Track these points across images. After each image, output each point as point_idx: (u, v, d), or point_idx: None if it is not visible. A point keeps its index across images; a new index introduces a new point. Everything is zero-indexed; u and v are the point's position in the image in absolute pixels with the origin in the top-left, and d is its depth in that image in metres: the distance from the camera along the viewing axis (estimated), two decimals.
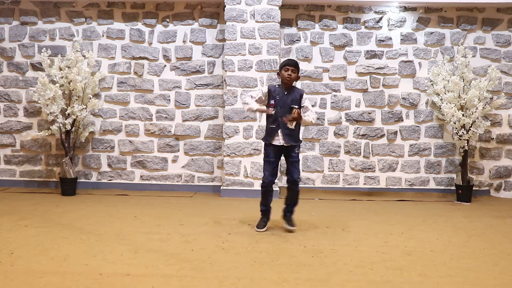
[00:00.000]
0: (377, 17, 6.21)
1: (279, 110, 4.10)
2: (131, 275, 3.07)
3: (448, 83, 5.85)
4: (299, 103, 4.14)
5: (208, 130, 6.26)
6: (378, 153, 6.25)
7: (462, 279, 3.09)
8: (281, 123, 4.09)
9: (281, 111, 4.09)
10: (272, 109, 4.12)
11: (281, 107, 4.10)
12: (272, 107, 4.13)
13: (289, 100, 4.11)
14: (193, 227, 4.36)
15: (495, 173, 6.26)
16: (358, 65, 6.22)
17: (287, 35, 6.22)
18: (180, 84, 6.26)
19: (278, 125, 4.11)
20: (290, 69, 4.10)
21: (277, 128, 4.12)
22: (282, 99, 4.12)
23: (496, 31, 6.21)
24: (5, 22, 6.27)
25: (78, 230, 4.16)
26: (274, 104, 4.12)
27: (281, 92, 4.14)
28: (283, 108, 4.09)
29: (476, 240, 4.08)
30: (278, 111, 4.11)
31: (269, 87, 4.19)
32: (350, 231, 4.29)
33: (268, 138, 4.18)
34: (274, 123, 4.13)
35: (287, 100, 4.11)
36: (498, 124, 6.24)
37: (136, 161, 6.30)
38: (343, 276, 3.12)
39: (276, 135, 4.13)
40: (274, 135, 4.13)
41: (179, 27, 6.25)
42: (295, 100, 4.13)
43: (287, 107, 4.09)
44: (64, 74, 5.80)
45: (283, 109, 4.09)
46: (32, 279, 2.96)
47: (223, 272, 3.15)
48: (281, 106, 4.10)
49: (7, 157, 6.34)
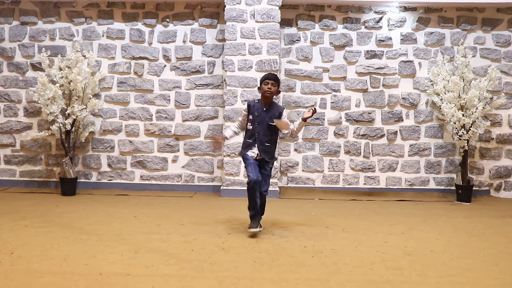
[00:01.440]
0: (377, 17, 6.21)
1: (257, 126, 4.08)
2: (131, 275, 3.07)
3: (448, 83, 5.85)
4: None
5: (208, 130, 6.26)
6: (378, 153, 6.25)
7: (462, 279, 3.09)
8: (258, 138, 4.08)
9: (258, 128, 4.08)
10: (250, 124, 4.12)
11: (258, 123, 4.08)
12: (250, 123, 4.12)
13: (268, 117, 4.08)
14: (193, 227, 4.36)
15: (495, 173, 6.26)
16: (358, 65, 6.22)
17: (287, 35, 6.22)
18: (180, 84, 6.26)
19: (255, 140, 4.09)
20: (270, 82, 4.06)
21: (254, 143, 4.10)
22: (261, 115, 4.09)
23: (496, 31, 6.22)
24: (5, 22, 6.27)
25: (78, 230, 4.16)
26: (252, 119, 4.10)
27: (260, 108, 4.11)
28: (260, 125, 4.08)
29: (476, 240, 4.08)
30: (256, 127, 4.08)
31: (248, 103, 4.18)
32: (350, 231, 4.29)
33: (243, 151, 4.17)
34: (250, 138, 4.12)
35: (265, 116, 4.08)
36: (498, 124, 6.24)
37: (136, 161, 6.30)
38: (343, 276, 3.12)
39: (252, 149, 4.11)
40: (250, 149, 4.12)
41: (179, 27, 6.25)
42: (273, 117, 4.09)
43: (265, 124, 4.07)
44: (64, 74, 5.80)
45: (260, 125, 4.08)
46: (32, 279, 2.96)
47: (223, 272, 3.15)
48: (258, 123, 4.08)
49: (7, 157, 6.34)
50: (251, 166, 4.06)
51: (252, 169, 4.03)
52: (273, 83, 4.07)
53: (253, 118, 4.10)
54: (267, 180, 4.20)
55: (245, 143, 4.17)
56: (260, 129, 4.08)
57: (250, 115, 4.13)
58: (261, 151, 4.09)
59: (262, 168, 4.14)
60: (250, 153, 4.11)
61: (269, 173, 4.20)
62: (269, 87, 4.06)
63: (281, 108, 4.18)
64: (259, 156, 4.10)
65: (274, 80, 4.08)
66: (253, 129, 4.10)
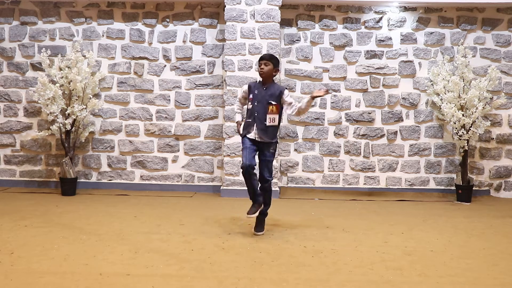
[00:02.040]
0: (377, 17, 6.21)
1: (256, 105, 4.08)
2: (131, 275, 3.07)
3: (448, 83, 5.84)
4: (278, 99, 4.06)
5: (208, 130, 6.26)
6: (378, 153, 6.25)
7: (462, 279, 3.09)
8: (257, 117, 4.06)
9: (258, 106, 4.07)
10: (250, 104, 4.13)
11: (258, 102, 4.08)
12: (250, 102, 4.13)
13: (267, 95, 4.07)
14: (193, 227, 4.36)
15: (495, 173, 6.26)
16: (358, 65, 6.22)
17: (287, 35, 6.22)
18: (180, 84, 6.26)
19: (254, 119, 4.08)
20: (262, 63, 4.08)
21: (253, 123, 4.07)
22: (260, 93, 4.09)
23: (496, 31, 6.21)
24: (5, 22, 6.27)
25: (78, 230, 4.16)
26: (252, 98, 4.11)
27: (259, 87, 4.13)
28: (260, 103, 4.07)
29: (476, 240, 4.08)
30: (255, 105, 4.09)
31: (249, 84, 4.21)
32: (350, 231, 4.29)
33: (244, 131, 4.15)
34: (250, 117, 4.11)
35: (265, 95, 4.07)
36: (498, 124, 6.24)
37: (136, 161, 6.30)
38: (343, 276, 3.12)
39: (251, 129, 4.08)
40: (249, 129, 4.09)
41: (179, 27, 6.25)
42: (273, 96, 4.07)
43: (264, 102, 4.05)
44: (64, 74, 5.80)
45: (260, 104, 4.07)
46: (32, 279, 2.96)
47: (223, 272, 3.15)
48: (258, 101, 4.08)
49: (7, 157, 6.34)
50: (246, 151, 4.03)
51: (246, 154, 4.00)
52: (265, 62, 4.06)
53: (253, 97, 4.10)
54: (269, 166, 4.14)
55: (245, 123, 4.16)
56: (260, 107, 4.06)
57: (250, 94, 4.14)
58: (259, 130, 4.03)
59: (261, 154, 4.11)
60: (249, 135, 4.07)
61: (269, 158, 4.14)
62: (262, 67, 4.07)
63: (282, 88, 4.14)
64: (258, 137, 4.04)
65: (267, 59, 4.07)
66: (252, 108, 4.09)
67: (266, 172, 4.11)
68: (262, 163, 4.12)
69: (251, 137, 4.06)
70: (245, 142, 4.09)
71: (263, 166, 4.11)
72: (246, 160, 3.97)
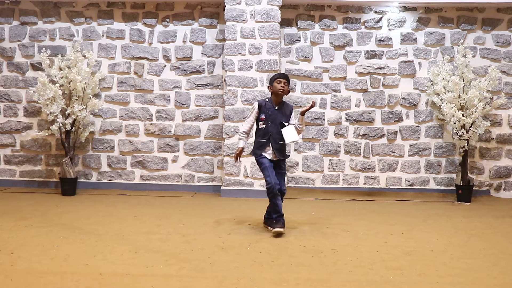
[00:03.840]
0: (377, 17, 6.21)
1: (270, 125, 4.12)
2: (131, 275, 3.07)
3: (448, 83, 5.85)
4: (288, 118, 4.17)
5: (208, 130, 6.26)
6: (378, 153, 6.25)
7: (462, 279, 3.09)
8: (272, 137, 4.10)
9: (272, 126, 4.11)
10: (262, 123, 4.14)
11: (271, 122, 4.12)
12: (262, 121, 4.14)
13: (280, 116, 4.14)
14: (193, 227, 4.36)
15: (495, 173, 6.26)
16: (358, 65, 6.22)
17: (287, 35, 6.22)
18: (180, 84, 6.26)
19: (269, 139, 4.12)
20: (282, 81, 4.12)
21: (268, 142, 4.13)
22: (273, 113, 4.14)
23: (496, 31, 6.22)
24: (5, 22, 6.27)
25: (78, 230, 4.16)
26: (265, 118, 4.13)
27: (272, 106, 4.16)
28: (274, 124, 4.12)
29: (476, 240, 4.08)
30: (269, 126, 4.12)
31: (259, 103, 4.19)
32: (350, 231, 4.29)
33: (257, 151, 4.17)
34: (264, 137, 4.14)
35: (277, 115, 4.13)
36: (498, 124, 6.24)
37: (136, 161, 6.30)
38: (343, 276, 3.12)
39: (266, 149, 4.14)
40: (264, 149, 4.14)
41: (179, 27, 6.25)
42: (285, 116, 4.16)
43: (277, 122, 4.12)
44: (64, 74, 5.80)
45: (273, 124, 4.12)
46: (32, 279, 2.96)
47: (223, 272, 3.15)
48: (271, 121, 4.12)
49: (7, 157, 6.34)
50: (267, 170, 4.08)
51: (269, 173, 4.06)
52: (285, 82, 4.14)
53: (265, 117, 4.14)
54: (284, 178, 4.26)
55: (258, 142, 4.18)
56: (274, 128, 4.12)
57: (262, 114, 4.16)
58: (275, 150, 4.13)
59: (277, 168, 4.19)
60: (265, 154, 4.13)
61: (284, 170, 4.27)
62: (282, 85, 4.11)
63: (291, 107, 4.26)
64: (274, 156, 4.13)
65: (286, 79, 4.16)
66: (266, 128, 4.13)
67: (283, 186, 4.21)
68: (278, 175, 4.17)
69: (267, 157, 4.13)
70: (264, 161, 4.14)
71: (281, 179, 4.18)
72: (272, 180, 4.04)
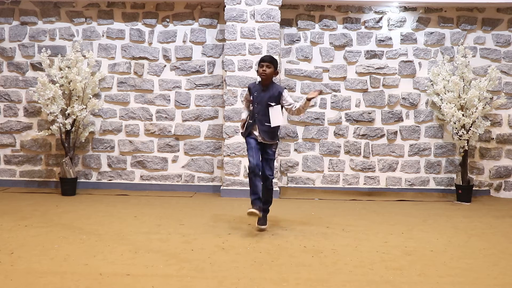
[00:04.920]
0: (377, 17, 6.21)
1: (256, 107, 4.16)
2: (131, 275, 3.07)
3: (448, 83, 5.84)
4: (277, 100, 4.15)
5: (208, 130, 6.26)
6: (378, 153, 6.25)
7: (462, 279, 3.09)
8: (257, 118, 4.14)
9: (258, 108, 4.15)
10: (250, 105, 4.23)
11: (258, 103, 4.16)
12: (250, 103, 4.22)
13: (266, 97, 4.14)
14: (193, 227, 4.36)
15: (495, 173, 6.26)
16: (358, 65, 6.22)
17: (287, 35, 6.22)
18: (180, 84, 6.26)
19: (255, 120, 4.17)
20: (264, 65, 4.12)
21: (254, 124, 4.18)
22: (260, 95, 4.17)
23: (496, 31, 6.21)
24: (5, 22, 6.27)
25: (78, 230, 4.16)
26: (252, 100, 4.19)
27: (259, 88, 4.20)
28: (260, 105, 4.15)
29: (476, 240, 4.08)
30: (255, 107, 4.17)
31: (249, 85, 4.29)
32: (350, 231, 4.29)
33: (245, 132, 4.24)
34: (251, 119, 4.20)
35: (264, 96, 4.15)
36: (498, 124, 6.23)
37: (136, 161, 6.30)
38: (343, 276, 3.12)
39: (253, 130, 4.19)
40: (251, 129, 4.20)
41: (179, 27, 6.25)
42: (272, 97, 4.14)
43: (264, 103, 4.14)
44: (64, 74, 5.80)
45: (260, 105, 4.15)
46: (32, 279, 2.96)
47: (223, 272, 3.15)
48: (258, 103, 4.16)
49: (7, 157, 6.34)
50: (252, 150, 4.13)
51: (253, 153, 4.10)
52: (267, 64, 4.12)
53: (253, 99, 4.19)
54: (271, 164, 4.24)
55: (247, 124, 4.24)
56: (260, 109, 4.14)
57: (251, 96, 4.22)
58: (261, 131, 4.14)
59: (264, 153, 4.20)
60: (252, 135, 4.18)
61: (272, 157, 4.24)
62: (264, 69, 4.12)
63: (281, 88, 4.20)
64: (261, 138, 4.15)
65: (269, 62, 4.13)
66: (253, 109, 4.19)
67: (268, 170, 4.21)
68: (265, 161, 4.21)
69: (254, 137, 4.17)
70: (250, 142, 4.19)
71: (266, 164, 4.21)
72: (254, 161, 4.08)
